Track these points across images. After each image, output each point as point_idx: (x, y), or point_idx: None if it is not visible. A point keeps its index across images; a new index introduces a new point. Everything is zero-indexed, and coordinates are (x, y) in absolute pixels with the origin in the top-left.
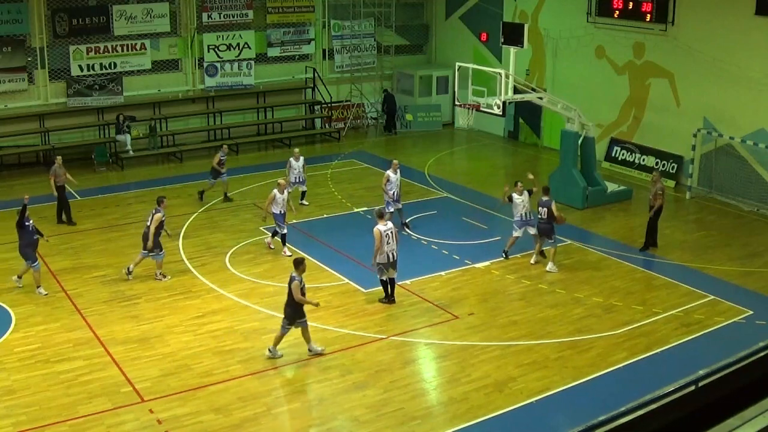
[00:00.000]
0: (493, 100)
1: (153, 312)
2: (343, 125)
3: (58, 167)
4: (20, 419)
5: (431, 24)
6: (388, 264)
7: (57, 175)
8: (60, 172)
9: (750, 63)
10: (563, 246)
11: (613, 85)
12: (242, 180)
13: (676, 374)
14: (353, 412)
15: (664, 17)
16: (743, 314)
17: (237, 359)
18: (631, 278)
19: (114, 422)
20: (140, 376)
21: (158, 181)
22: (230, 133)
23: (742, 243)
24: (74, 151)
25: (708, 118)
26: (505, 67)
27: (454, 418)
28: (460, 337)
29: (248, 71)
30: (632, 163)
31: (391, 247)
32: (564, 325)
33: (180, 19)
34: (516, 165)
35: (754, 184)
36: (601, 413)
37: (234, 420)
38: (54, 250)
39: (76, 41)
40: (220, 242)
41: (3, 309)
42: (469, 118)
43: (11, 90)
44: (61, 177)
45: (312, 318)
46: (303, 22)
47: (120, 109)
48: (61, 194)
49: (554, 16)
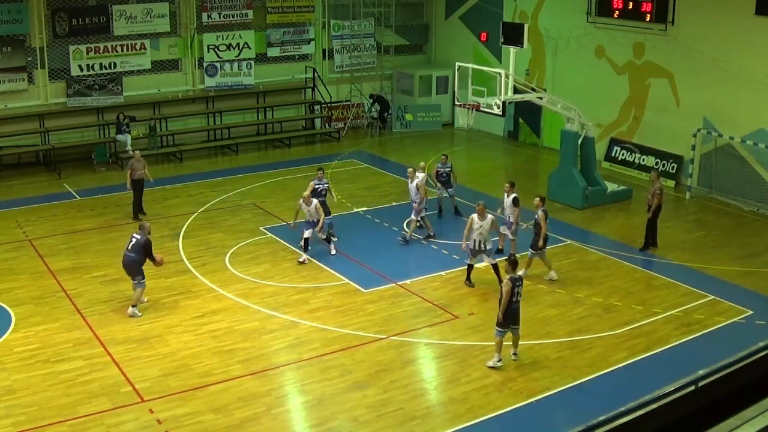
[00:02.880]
0: (493, 100)
1: (153, 312)
2: (343, 125)
3: (136, 161)
4: (20, 419)
5: (431, 24)
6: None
7: (134, 169)
8: (138, 166)
9: (750, 63)
10: (563, 246)
11: (613, 85)
12: (242, 180)
13: (676, 374)
14: (353, 412)
15: (664, 17)
16: (743, 314)
17: (237, 359)
18: (631, 278)
19: (114, 422)
20: (140, 376)
21: (158, 181)
22: (230, 133)
23: (741, 243)
24: (74, 151)
25: (708, 118)
26: (505, 67)
27: (454, 418)
28: (460, 337)
29: (248, 71)
30: (632, 163)
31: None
32: (564, 325)
33: (180, 19)
34: (516, 165)
35: (753, 184)
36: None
37: (234, 420)
38: (54, 250)
39: (76, 41)
40: (220, 242)
41: (3, 309)
42: (469, 118)
43: (11, 90)
44: (138, 171)
45: (312, 318)
46: (303, 22)
47: (120, 109)
48: (138, 188)
49: (554, 16)
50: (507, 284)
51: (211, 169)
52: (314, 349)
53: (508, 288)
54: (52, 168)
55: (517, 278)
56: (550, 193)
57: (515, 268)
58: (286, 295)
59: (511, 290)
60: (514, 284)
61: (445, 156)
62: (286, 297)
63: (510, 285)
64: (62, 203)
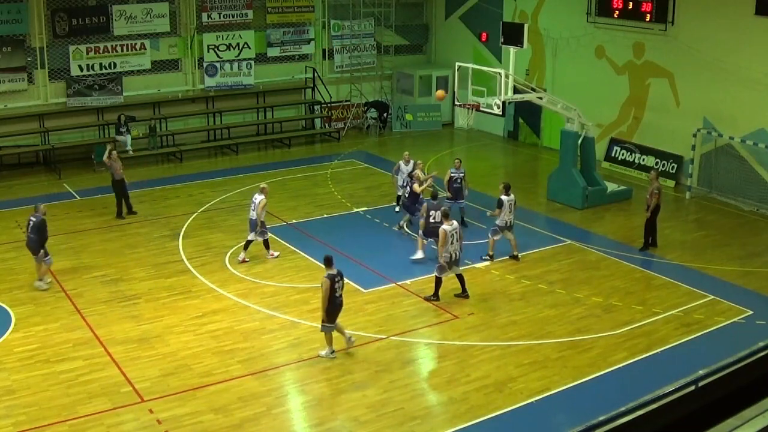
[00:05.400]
0: (493, 100)
1: (153, 312)
2: (343, 125)
3: (114, 161)
4: (20, 419)
5: (431, 24)
6: (450, 263)
7: (114, 170)
8: (116, 167)
9: (750, 63)
10: (563, 246)
11: (613, 85)
12: (242, 180)
13: (676, 374)
14: (353, 412)
15: (663, 17)
16: (743, 314)
17: (237, 359)
18: (630, 278)
19: (114, 422)
20: (140, 376)
21: (158, 181)
22: (230, 133)
23: (741, 243)
24: (74, 151)
25: (708, 118)
26: (505, 67)
27: (454, 418)
28: (460, 337)
29: (248, 71)
30: (632, 163)
31: (455, 247)
32: (564, 325)
33: (180, 19)
34: (516, 165)
35: (753, 184)
36: (601, 413)
37: (234, 420)
38: (54, 250)
39: (75, 41)
40: (219, 242)
41: (3, 309)
42: (469, 118)
43: (11, 90)
44: (118, 171)
45: (312, 318)
46: (303, 22)
47: (120, 109)
48: (120, 188)
49: (554, 16)
50: (325, 282)
51: (211, 169)
52: (314, 349)
53: (327, 285)
54: (52, 168)
55: (335, 275)
56: (550, 193)
57: (330, 265)
58: (286, 295)
59: (331, 287)
60: (333, 281)
61: (458, 160)
62: (286, 297)
63: (328, 282)
64: (62, 203)
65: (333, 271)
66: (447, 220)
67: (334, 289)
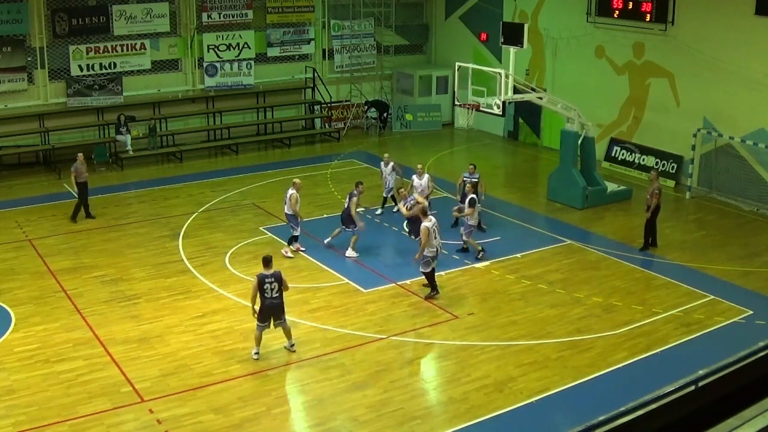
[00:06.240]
0: (493, 100)
1: (153, 312)
2: (343, 125)
3: (80, 164)
4: (20, 419)
5: (431, 24)
6: (436, 256)
7: (79, 172)
8: (82, 169)
9: (750, 63)
10: (563, 246)
11: (613, 85)
12: (242, 180)
13: (676, 374)
14: (353, 412)
15: (663, 17)
16: (743, 314)
17: (237, 359)
18: (630, 278)
19: (114, 422)
20: (140, 376)
21: (158, 181)
22: (230, 133)
23: (741, 243)
24: (74, 151)
25: (708, 118)
26: (505, 67)
27: (454, 418)
28: (460, 337)
29: (248, 71)
30: (632, 163)
31: (438, 242)
32: (564, 325)
33: (180, 19)
34: (516, 165)
35: (753, 184)
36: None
37: (234, 420)
38: (54, 250)
39: (75, 41)
40: (220, 242)
41: (3, 309)
42: (469, 118)
43: (11, 90)
44: (84, 174)
45: (312, 318)
46: (303, 22)
47: (120, 109)
48: (83, 191)
49: (554, 16)
50: (254, 281)
51: (211, 169)
52: (314, 349)
53: (254, 284)
54: (52, 168)
55: (267, 275)
56: (550, 193)
57: (267, 265)
58: (286, 295)
59: (259, 286)
60: (263, 281)
61: (473, 166)
62: (286, 297)
63: (256, 281)
64: (62, 203)
65: (267, 272)
66: (425, 217)
67: (263, 290)
